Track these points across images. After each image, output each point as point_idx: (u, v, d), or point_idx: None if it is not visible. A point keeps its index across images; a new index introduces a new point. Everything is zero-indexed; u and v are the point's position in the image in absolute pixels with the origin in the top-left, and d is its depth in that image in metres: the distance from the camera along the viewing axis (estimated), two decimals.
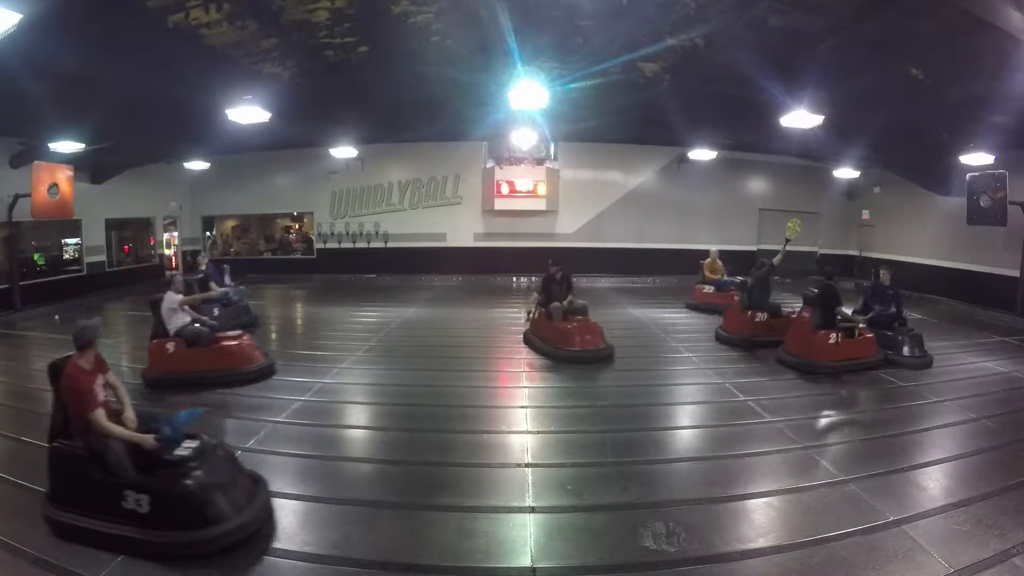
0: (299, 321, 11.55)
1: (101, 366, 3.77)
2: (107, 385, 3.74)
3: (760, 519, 3.78)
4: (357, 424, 5.85)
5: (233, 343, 6.80)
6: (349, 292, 14.56)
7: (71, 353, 3.68)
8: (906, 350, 7.48)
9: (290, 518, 3.77)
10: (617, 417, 5.76)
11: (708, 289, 11.47)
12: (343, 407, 6.15)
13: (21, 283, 11.29)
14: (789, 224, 8.86)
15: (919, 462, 4.63)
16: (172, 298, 6.61)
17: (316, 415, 5.70)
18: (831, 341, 7.08)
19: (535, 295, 8.41)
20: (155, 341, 6.55)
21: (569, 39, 7.02)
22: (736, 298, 9.28)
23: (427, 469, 4.49)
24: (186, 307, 6.75)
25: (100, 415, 3.46)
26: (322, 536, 3.52)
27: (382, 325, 10.07)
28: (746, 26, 6.27)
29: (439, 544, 3.46)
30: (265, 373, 6.79)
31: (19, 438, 4.98)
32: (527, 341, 8.38)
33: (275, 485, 4.19)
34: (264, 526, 3.55)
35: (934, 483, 4.27)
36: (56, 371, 3.65)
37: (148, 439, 3.46)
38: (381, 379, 7.06)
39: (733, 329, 8.69)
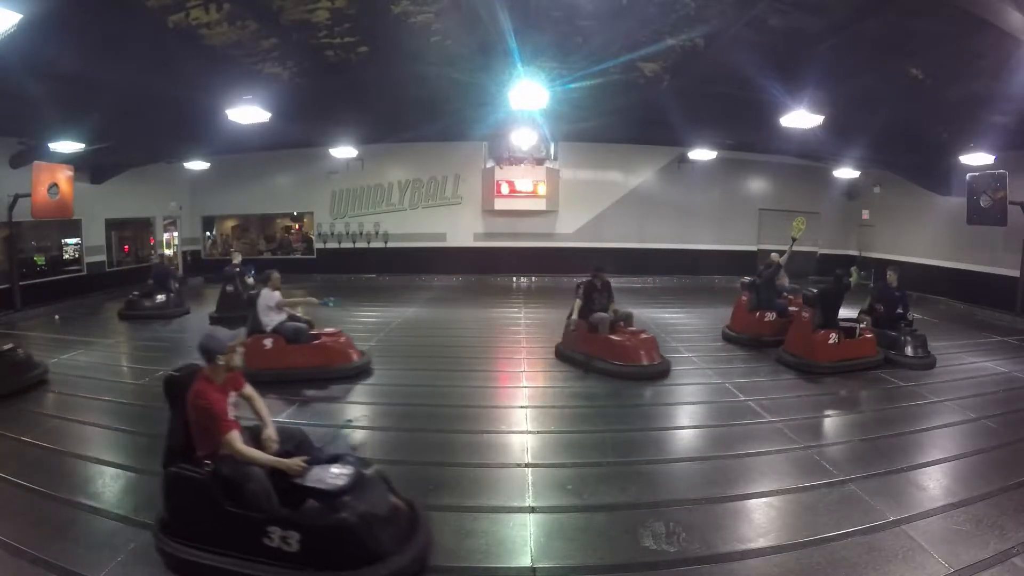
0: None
1: (235, 382, 3.32)
2: (245, 398, 3.37)
3: (760, 519, 3.78)
4: (357, 424, 5.84)
5: (332, 340, 6.77)
6: (349, 292, 14.55)
7: (190, 364, 3.33)
8: (909, 350, 7.46)
9: None
10: (617, 417, 5.76)
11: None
12: (343, 407, 6.15)
13: (21, 283, 11.29)
14: (794, 223, 8.93)
15: (919, 462, 4.63)
16: (270, 295, 6.61)
17: (316, 415, 5.69)
18: (831, 341, 7.07)
19: (575, 304, 7.48)
20: (252, 337, 6.44)
21: (569, 39, 7.02)
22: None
23: (427, 469, 4.49)
24: (284, 307, 6.77)
25: (236, 437, 3.01)
26: None
27: (382, 325, 10.07)
28: (746, 26, 6.27)
29: (439, 544, 3.45)
30: (361, 372, 6.74)
31: (19, 438, 4.97)
32: (562, 356, 7.57)
33: None
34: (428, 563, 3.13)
35: (934, 483, 4.27)
36: (176, 385, 3.23)
37: (296, 464, 3.00)
38: (381, 379, 7.05)
39: (740, 328, 8.70)
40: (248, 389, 3.40)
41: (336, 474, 2.97)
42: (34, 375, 6.41)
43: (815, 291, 7.43)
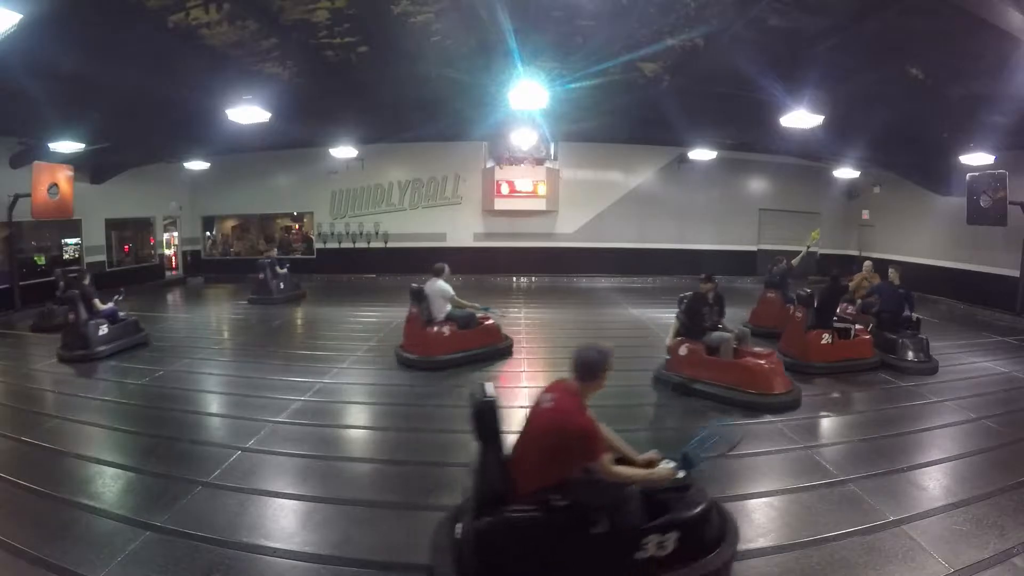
0: (299, 321, 11.54)
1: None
2: None
3: (760, 519, 3.78)
4: (357, 424, 5.85)
5: (491, 324, 7.79)
6: (349, 292, 14.56)
7: (481, 389, 3.03)
8: (910, 355, 7.26)
9: (290, 518, 3.78)
10: (617, 417, 5.74)
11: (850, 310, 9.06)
12: (343, 407, 6.15)
13: (21, 283, 11.29)
14: (813, 233, 10.22)
15: (919, 462, 4.63)
16: (444, 287, 7.32)
17: (316, 415, 5.70)
18: (824, 341, 7.01)
19: (676, 323, 6.52)
20: (432, 328, 7.28)
21: (569, 39, 7.01)
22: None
23: (427, 469, 4.49)
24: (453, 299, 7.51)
25: (608, 459, 2.71)
26: (322, 536, 3.52)
27: (382, 325, 10.07)
28: (746, 26, 6.26)
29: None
30: (508, 349, 7.87)
31: (19, 438, 4.98)
32: (674, 385, 6.33)
33: (275, 485, 4.21)
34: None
35: (934, 483, 4.27)
36: (490, 413, 2.92)
37: (669, 472, 2.85)
38: (381, 379, 7.05)
39: (760, 325, 8.84)
40: None
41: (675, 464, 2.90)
42: (141, 336, 8.48)
43: (808, 291, 7.39)
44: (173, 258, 16.72)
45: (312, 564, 3.25)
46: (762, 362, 5.99)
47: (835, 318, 7.40)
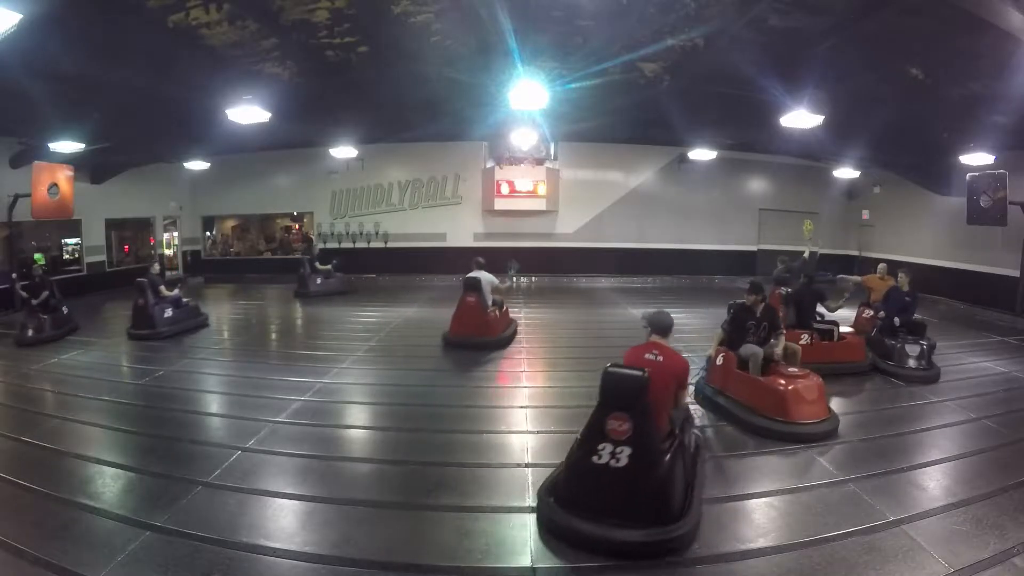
0: (299, 321, 11.55)
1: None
2: None
3: (760, 519, 3.78)
4: (357, 424, 5.85)
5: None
6: (349, 292, 14.55)
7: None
8: (911, 362, 6.88)
9: (290, 518, 3.77)
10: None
11: (869, 314, 8.76)
12: (343, 407, 6.15)
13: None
14: (806, 225, 10.28)
15: (919, 462, 4.63)
16: (492, 278, 8.62)
17: (316, 415, 5.70)
18: (802, 342, 6.60)
19: (720, 332, 6.09)
20: (489, 313, 8.37)
21: (569, 39, 7.01)
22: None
23: (427, 469, 4.49)
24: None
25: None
26: (322, 536, 3.52)
27: (382, 325, 10.07)
28: (746, 26, 6.27)
29: (439, 544, 3.46)
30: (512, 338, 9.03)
31: (19, 438, 4.98)
32: (704, 398, 5.91)
33: (275, 485, 4.21)
34: None
35: (934, 483, 4.27)
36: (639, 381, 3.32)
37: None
38: (381, 379, 7.06)
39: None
40: None
41: None
42: (201, 319, 9.87)
43: (788, 290, 7.47)
44: (173, 258, 16.71)
45: (312, 564, 3.24)
46: (782, 382, 5.22)
47: (818, 319, 7.28)
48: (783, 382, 5.24)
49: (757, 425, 5.14)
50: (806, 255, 9.70)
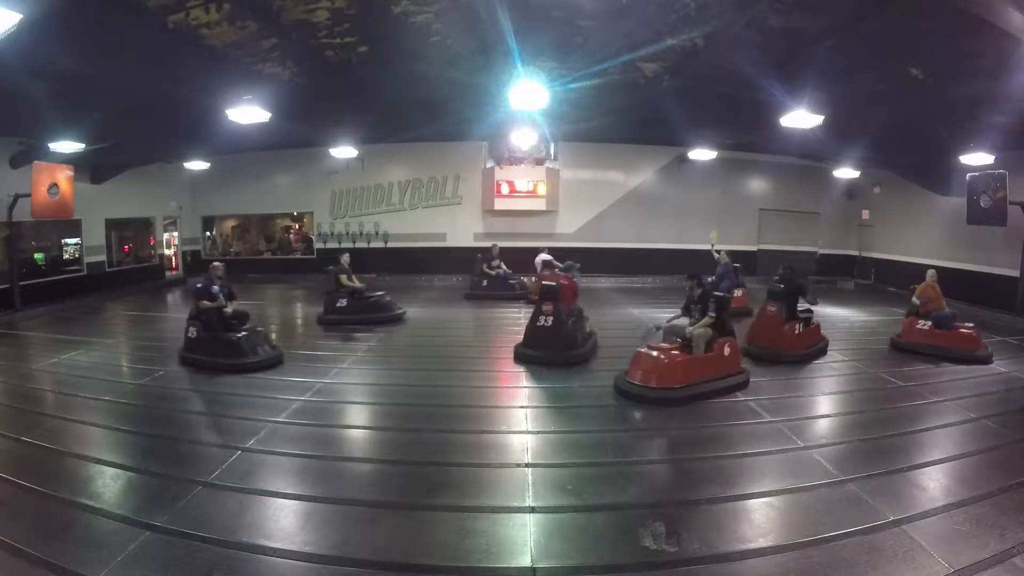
0: (299, 321, 11.54)
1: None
2: None
3: (760, 519, 3.78)
4: (357, 424, 5.86)
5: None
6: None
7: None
8: None
9: (290, 518, 3.78)
10: (617, 417, 5.76)
11: (922, 324, 8.65)
12: (343, 407, 6.15)
13: (21, 283, 11.29)
14: (712, 235, 11.76)
15: (919, 462, 4.64)
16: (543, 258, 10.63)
17: (316, 415, 5.70)
18: (796, 332, 7.74)
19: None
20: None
21: (569, 39, 7.01)
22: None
23: (427, 469, 4.49)
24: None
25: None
26: (322, 536, 3.52)
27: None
28: (746, 26, 6.26)
29: (439, 544, 3.46)
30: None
31: (19, 438, 4.97)
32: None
33: (275, 485, 4.21)
34: None
35: (934, 483, 4.27)
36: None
37: None
38: (381, 379, 7.06)
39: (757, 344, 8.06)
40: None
41: None
42: (398, 313, 10.61)
43: (780, 286, 7.96)
44: (173, 258, 16.70)
45: (312, 564, 3.24)
46: (643, 350, 6.28)
47: (800, 310, 8.16)
48: (644, 350, 6.32)
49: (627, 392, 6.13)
50: (717, 257, 11.13)
